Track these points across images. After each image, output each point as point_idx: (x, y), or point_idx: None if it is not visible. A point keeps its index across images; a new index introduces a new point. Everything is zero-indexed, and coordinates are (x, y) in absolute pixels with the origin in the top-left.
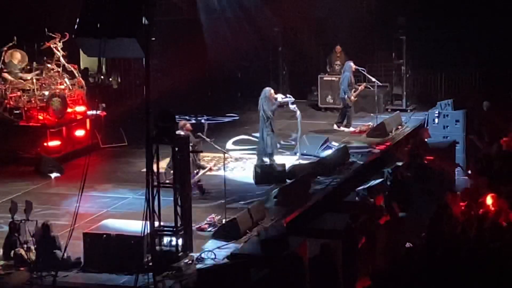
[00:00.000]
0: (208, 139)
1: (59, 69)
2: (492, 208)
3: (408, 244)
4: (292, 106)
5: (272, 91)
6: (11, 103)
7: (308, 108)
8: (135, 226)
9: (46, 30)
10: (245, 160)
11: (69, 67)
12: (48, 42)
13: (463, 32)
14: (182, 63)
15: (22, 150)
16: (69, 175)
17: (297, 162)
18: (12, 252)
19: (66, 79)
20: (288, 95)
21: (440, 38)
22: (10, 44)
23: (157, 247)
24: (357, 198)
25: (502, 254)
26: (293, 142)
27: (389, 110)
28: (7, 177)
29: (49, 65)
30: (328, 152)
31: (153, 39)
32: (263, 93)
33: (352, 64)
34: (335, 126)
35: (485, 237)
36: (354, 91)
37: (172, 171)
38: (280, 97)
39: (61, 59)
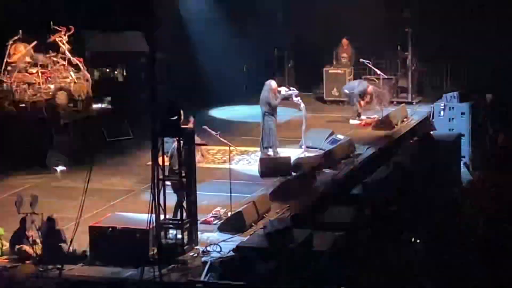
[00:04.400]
0: (214, 132)
1: (64, 63)
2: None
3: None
4: (296, 99)
5: (275, 84)
6: (17, 96)
7: (313, 101)
8: (141, 219)
9: (51, 23)
10: (250, 153)
11: (75, 60)
12: (53, 35)
13: (468, 24)
14: (188, 57)
15: (27, 144)
16: (74, 168)
17: (302, 155)
18: (16, 248)
19: (71, 73)
20: (291, 88)
21: (445, 31)
22: (16, 37)
23: (163, 240)
24: (363, 191)
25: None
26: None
27: (394, 102)
28: (12, 170)
29: (54, 59)
30: (334, 145)
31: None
32: (266, 86)
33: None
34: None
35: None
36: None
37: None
38: (284, 90)
39: (67, 52)
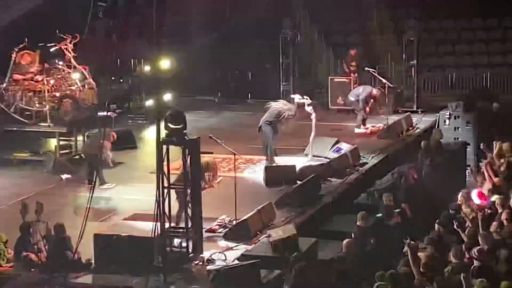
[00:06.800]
0: (219, 141)
1: (70, 71)
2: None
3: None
4: (308, 108)
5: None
6: (23, 104)
7: (318, 110)
8: (146, 227)
9: (57, 31)
10: (255, 161)
11: (80, 68)
12: (59, 43)
13: (473, 33)
14: (193, 64)
15: (33, 151)
16: (80, 176)
17: (307, 164)
18: (22, 255)
19: (77, 80)
20: (305, 97)
21: (450, 39)
22: (21, 45)
23: (168, 249)
24: (367, 200)
25: None
26: None
27: (399, 111)
28: (18, 178)
29: (60, 67)
30: (339, 153)
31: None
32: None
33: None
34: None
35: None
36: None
37: None
38: (297, 97)
39: (72, 60)
